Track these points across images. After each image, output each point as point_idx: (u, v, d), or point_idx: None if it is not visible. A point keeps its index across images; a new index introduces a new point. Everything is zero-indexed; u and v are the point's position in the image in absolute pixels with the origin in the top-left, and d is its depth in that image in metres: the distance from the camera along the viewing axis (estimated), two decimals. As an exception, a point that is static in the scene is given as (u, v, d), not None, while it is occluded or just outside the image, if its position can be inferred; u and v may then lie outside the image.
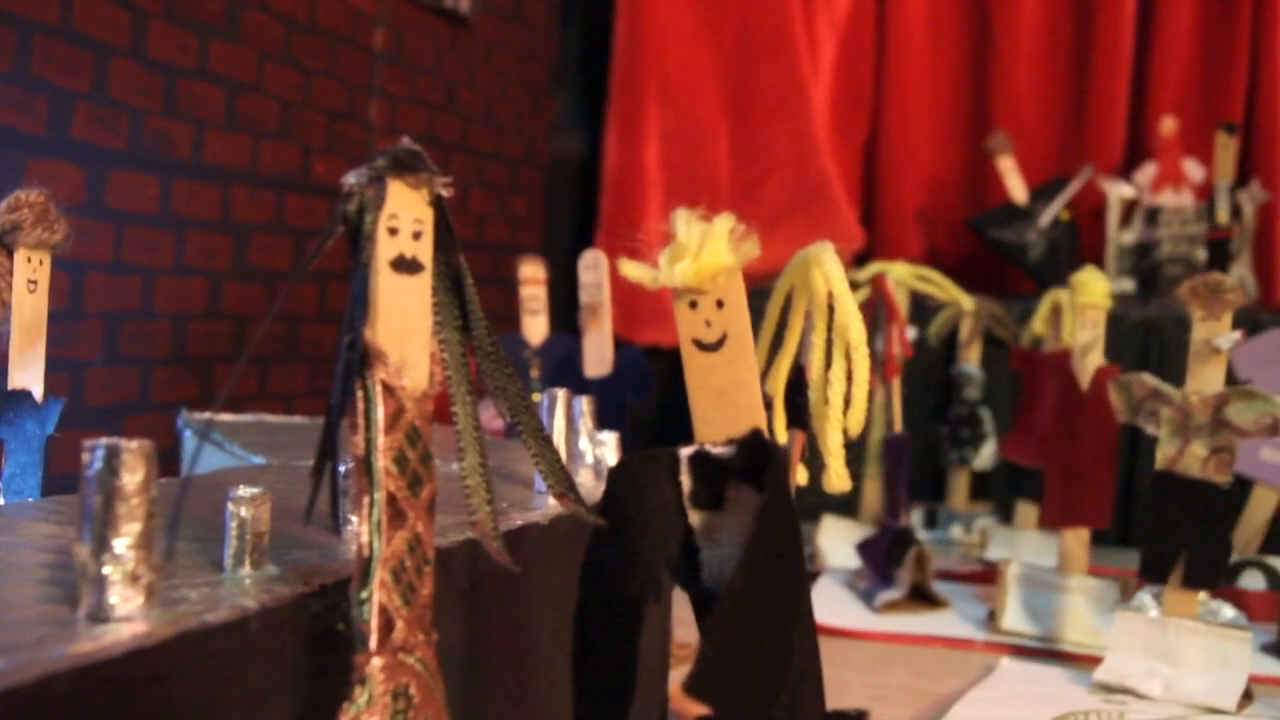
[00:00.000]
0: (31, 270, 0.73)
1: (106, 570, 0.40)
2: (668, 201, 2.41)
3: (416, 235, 0.47)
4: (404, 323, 0.46)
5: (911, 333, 1.75)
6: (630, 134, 2.41)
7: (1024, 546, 1.71)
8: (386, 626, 0.45)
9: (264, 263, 1.65)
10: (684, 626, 1.04)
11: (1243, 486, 1.50)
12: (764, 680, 0.52)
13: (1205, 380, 1.09)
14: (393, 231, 0.46)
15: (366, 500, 0.46)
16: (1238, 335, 1.07)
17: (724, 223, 0.56)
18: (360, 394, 0.46)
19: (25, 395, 0.73)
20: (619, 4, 2.43)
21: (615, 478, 0.56)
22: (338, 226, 0.46)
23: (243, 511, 0.48)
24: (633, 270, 0.57)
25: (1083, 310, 1.34)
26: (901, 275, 1.72)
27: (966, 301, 1.79)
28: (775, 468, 0.55)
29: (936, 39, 2.59)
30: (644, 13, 2.41)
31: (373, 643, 0.45)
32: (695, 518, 0.56)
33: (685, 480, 0.56)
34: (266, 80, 1.63)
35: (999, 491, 1.96)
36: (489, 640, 0.61)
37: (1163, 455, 1.10)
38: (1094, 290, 1.34)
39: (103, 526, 0.40)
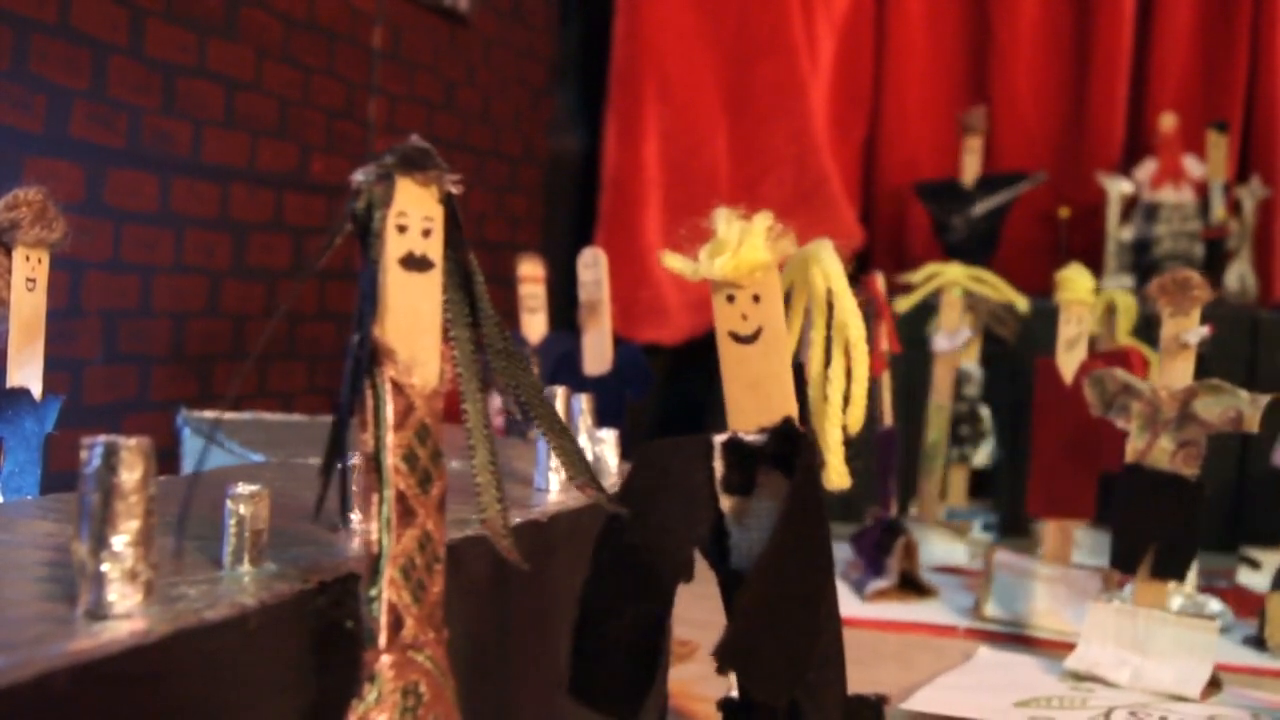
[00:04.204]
0: (30, 268, 0.73)
1: (105, 568, 0.40)
2: (667, 199, 2.41)
3: (426, 233, 0.46)
4: (413, 320, 0.46)
5: (965, 334, 1.75)
6: (629, 132, 2.41)
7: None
8: (396, 624, 0.45)
9: (263, 261, 1.64)
10: (684, 625, 1.04)
11: (1268, 484, 1.50)
12: (790, 655, 0.54)
13: (1174, 375, 1.11)
14: (401, 229, 0.46)
15: (375, 498, 0.45)
16: (1206, 330, 1.09)
17: (763, 220, 0.59)
18: (369, 392, 0.45)
19: (24, 393, 0.73)
20: (618, 2, 2.42)
21: (643, 460, 0.58)
22: (346, 224, 0.46)
23: (241, 509, 0.48)
24: (674, 262, 0.60)
25: (1067, 306, 1.38)
26: (956, 276, 1.74)
27: (1021, 303, 1.79)
28: (805, 455, 0.57)
29: (936, 36, 2.59)
30: (643, 11, 2.40)
31: (382, 640, 0.45)
32: (726, 502, 0.58)
33: (718, 465, 0.58)
34: (265, 79, 1.63)
35: (998, 489, 1.96)
36: (486, 637, 0.61)
37: (1132, 448, 1.12)
38: (1078, 287, 1.38)
39: (101, 524, 0.40)
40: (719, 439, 0.59)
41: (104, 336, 1.38)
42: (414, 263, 0.46)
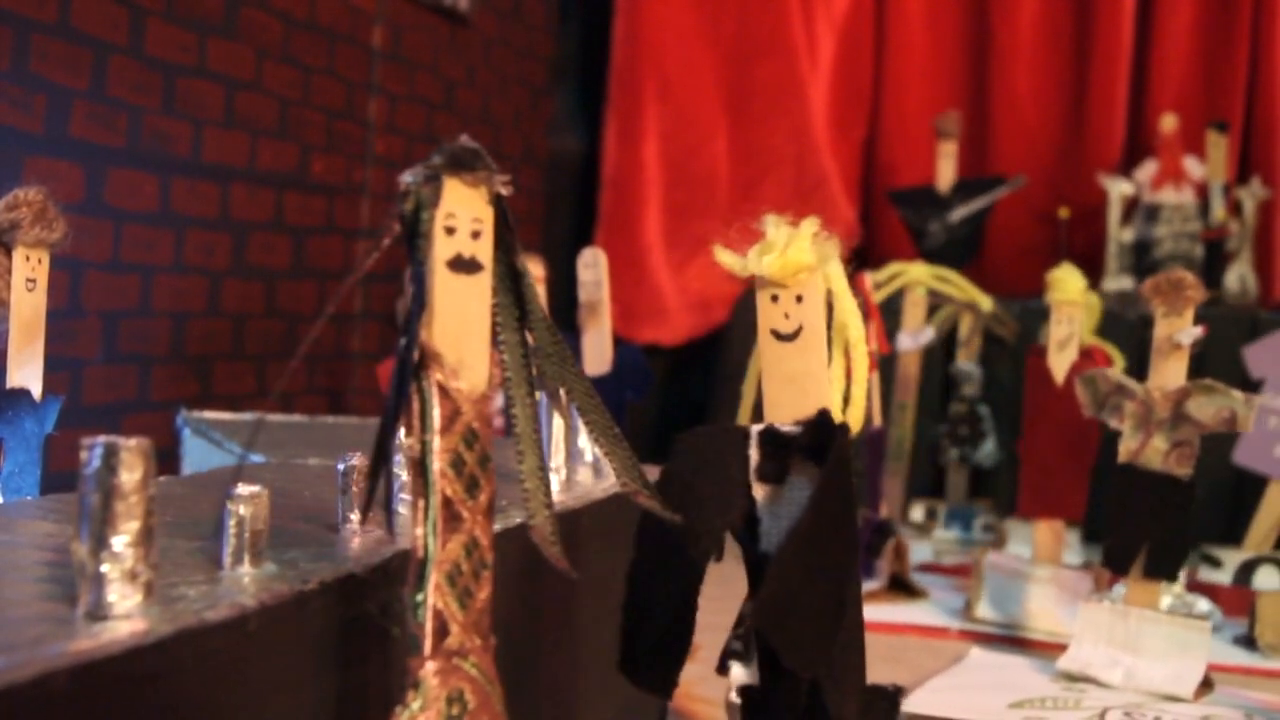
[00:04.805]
0: (30, 269, 0.73)
1: (105, 568, 0.40)
2: (667, 199, 2.41)
3: (475, 234, 0.46)
4: (461, 323, 0.45)
5: (928, 334, 1.75)
6: (629, 132, 2.41)
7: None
8: (441, 631, 0.45)
9: (263, 261, 1.64)
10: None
11: (1258, 483, 1.50)
12: (819, 620, 0.56)
13: (1167, 375, 1.11)
14: (450, 230, 0.45)
15: (421, 503, 0.45)
16: (1199, 330, 1.09)
17: (809, 225, 0.61)
18: (415, 395, 0.45)
19: (24, 394, 0.73)
20: (618, 2, 2.42)
21: (683, 446, 0.61)
22: (394, 226, 0.45)
23: (241, 509, 0.48)
24: (725, 258, 0.62)
25: (1058, 307, 1.38)
26: (919, 275, 1.74)
27: (985, 302, 1.79)
28: (839, 444, 0.59)
29: (935, 36, 2.59)
30: (643, 11, 2.40)
31: (427, 647, 0.44)
32: (759, 490, 0.61)
33: (753, 454, 0.61)
34: (265, 78, 1.63)
35: (998, 489, 1.96)
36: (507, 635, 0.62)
37: (1125, 449, 1.12)
38: (1069, 287, 1.38)
39: (101, 525, 0.40)
40: (756, 428, 0.61)
41: (104, 336, 1.38)
42: (462, 265, 0.46)
